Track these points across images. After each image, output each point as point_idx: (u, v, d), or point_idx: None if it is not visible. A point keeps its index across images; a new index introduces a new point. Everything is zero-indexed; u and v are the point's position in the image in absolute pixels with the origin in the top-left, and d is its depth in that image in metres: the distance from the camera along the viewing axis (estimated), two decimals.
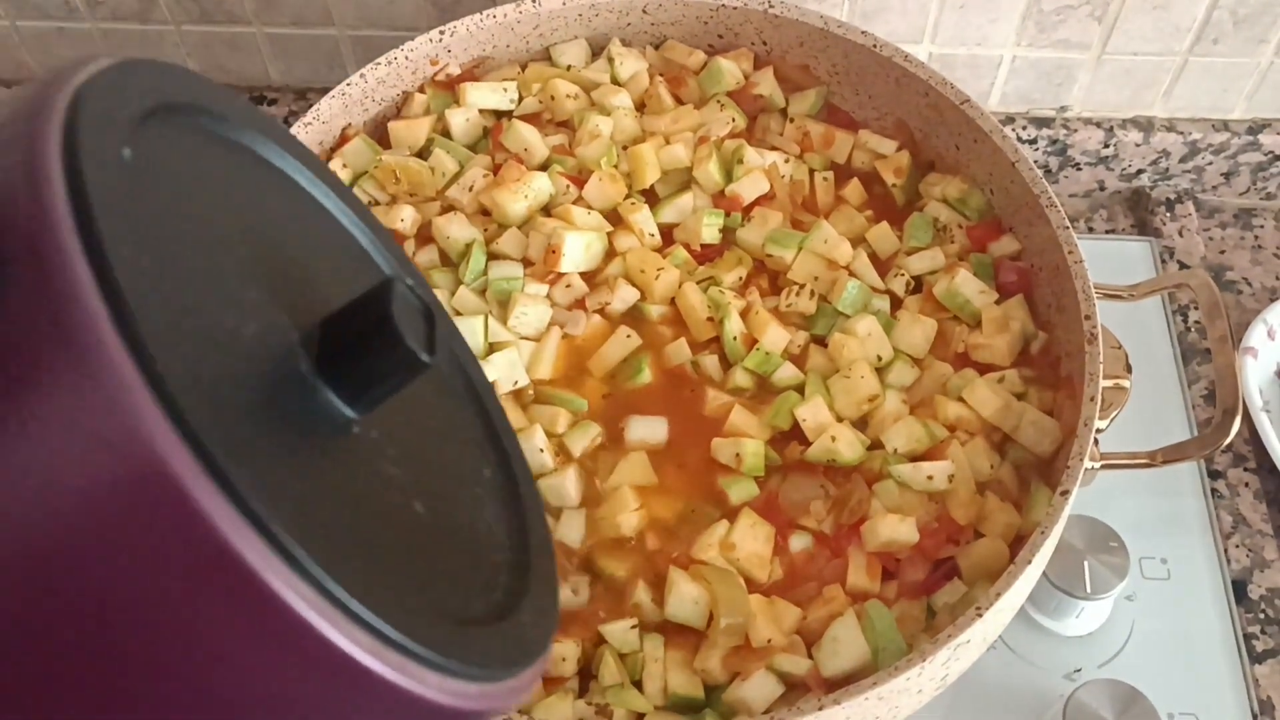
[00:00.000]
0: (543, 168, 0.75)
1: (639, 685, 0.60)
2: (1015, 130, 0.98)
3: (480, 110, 0.78)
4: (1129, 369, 0.71)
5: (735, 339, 0.69)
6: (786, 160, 0.78)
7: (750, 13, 0.80)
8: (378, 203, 0.76)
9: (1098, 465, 0.65)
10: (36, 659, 0.25)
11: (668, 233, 0.75)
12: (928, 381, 0.69)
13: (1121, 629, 0.77)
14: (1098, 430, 0.63)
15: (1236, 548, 0.81)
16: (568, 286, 0.71)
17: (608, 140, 0.76)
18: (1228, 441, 0.67)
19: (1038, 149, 0.99)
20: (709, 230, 0.74)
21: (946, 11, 0.91)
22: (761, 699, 0.58)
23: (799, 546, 0.64)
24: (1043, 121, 0.99)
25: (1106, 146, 0.99)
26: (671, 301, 0.72)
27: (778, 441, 0.67)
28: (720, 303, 0.70)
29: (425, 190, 0.75)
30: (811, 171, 0.78)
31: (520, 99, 0.79)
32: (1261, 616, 0.78)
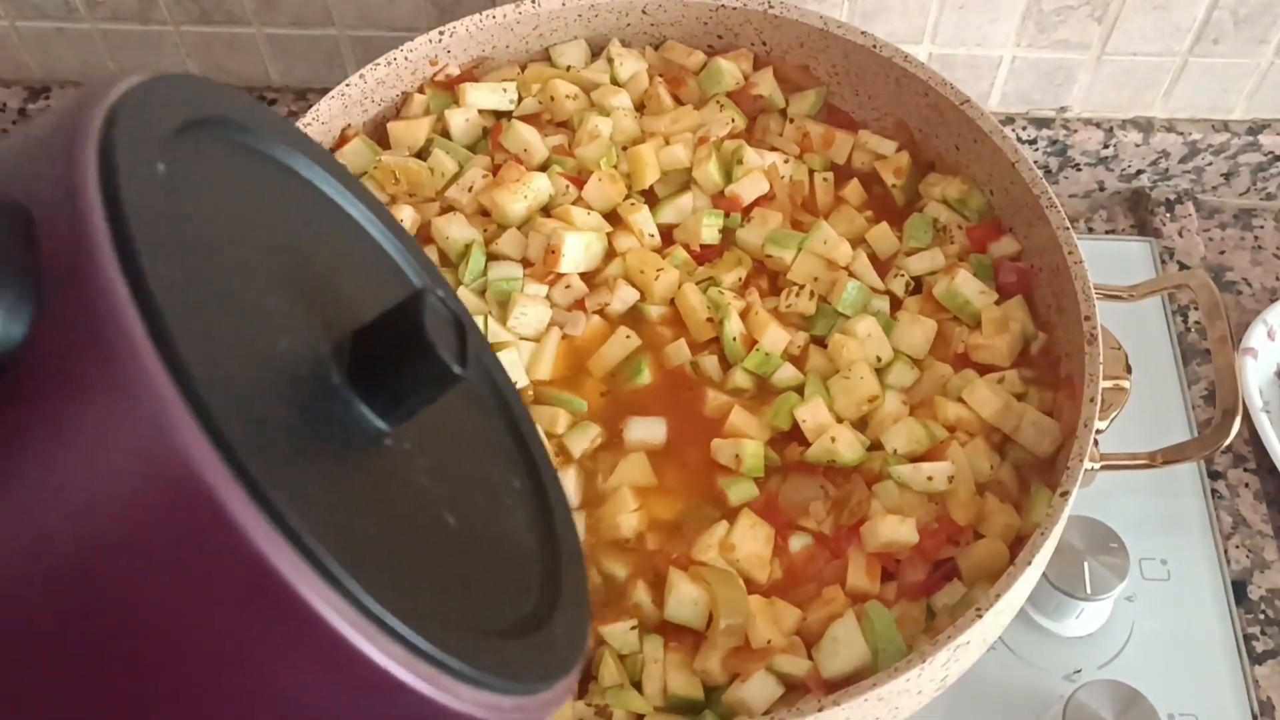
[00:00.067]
0: (542, 168, 0.75)
1: (638, 686, 0.60)
2: (1015, 131, 0.98)
3: (480, 111, 0.78)
4: (1129, 370, 0.71)
5: (735, 340, 0.69)
6: (786, 161, 0.78)
7: (750, 13, 0.80)
8: None
9: (1098, 466, 0.65)
10: (72, 672, 0.25)
11: (667, 233, 0.75)
12: (927, 382, 0.69)
13: (1121, 630, 0.77)
14: (1098, 431, 0.63)
15: (1236, 548, 0.81)
16: (567, 287, 0.71)
17: (607, 141, 0.76)
18: (1228, 442, 0.67)
19: (1038, 149, 0.99)
20: (709, 231, 0.74)
21: (946, 12, 0.91)
22: (761, 700, 0.58)
23: (799, 547, 0.63)
24: (1042, 122, 0.99)
25: (1106, 147, 0.99)
26: (671, 302, 0.72)
27: (777, 442, 0.67)
28: (720, 303, 0.70)
29: (425, 191, 0.75)
30: (811, 172, 0.78)
31: (520, 99, 0.79)
32: (1261, 617, 0.78)
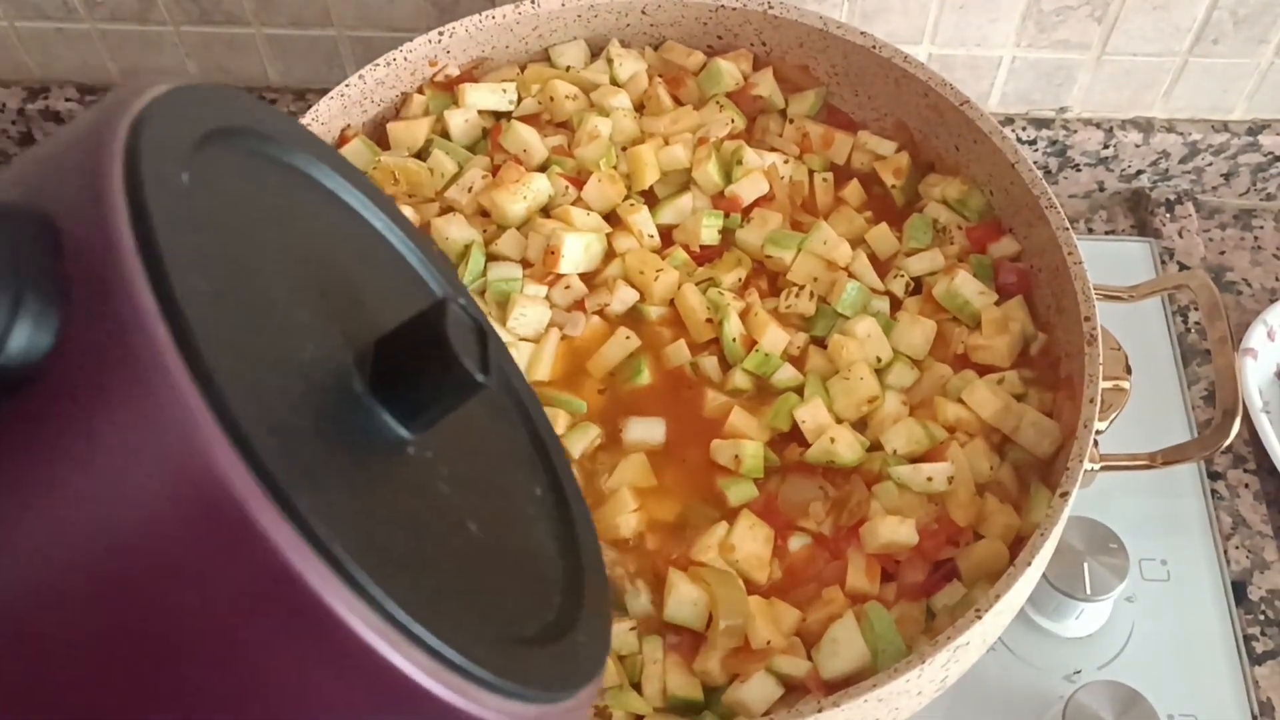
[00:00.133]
0: (542, 169, 0.75)
1: (638, 687, 0.60)
2: (1015, 131, 0.98)
3: (479, 111, 0.78)
4: (1129, 370, 0.71)
5: (734, 340, 0.69)
6: (786, 161, 0.78)
7: (749, 14, 0.80)
8: None
9: (1097, 467, 0.65)
10: (99, 679, 0.25)
11: (667, 234, 0.75)
12: (927, 383, 0.69)
13: (1121, 630, 0.77)
14: (1097, 432, 0.63)
15: (1236, 549, 0.81)
16: (567, 288, 0.71)
17: (607, 141, 0.76)
18: (1227, 443, 0.67)
19: (1037, 150, 0.99)
20: (708, 231, 0.74)
21: (946, 12, 0.91)
22: (761, 701, 0.58)
23: (798, 548, 0.63)
24: (1042, 122, 0.99)
25: (1106, 147, 0.99)
26: (670, 303, 0.72)
27: (777, 443, 0.67)
28: (719, 304, 0.70)
29: (424, 191, 0.75)
30: (811, 172, 0.78)
31: (519, 100, 0.79)
32: (1261, 618, 0.78)
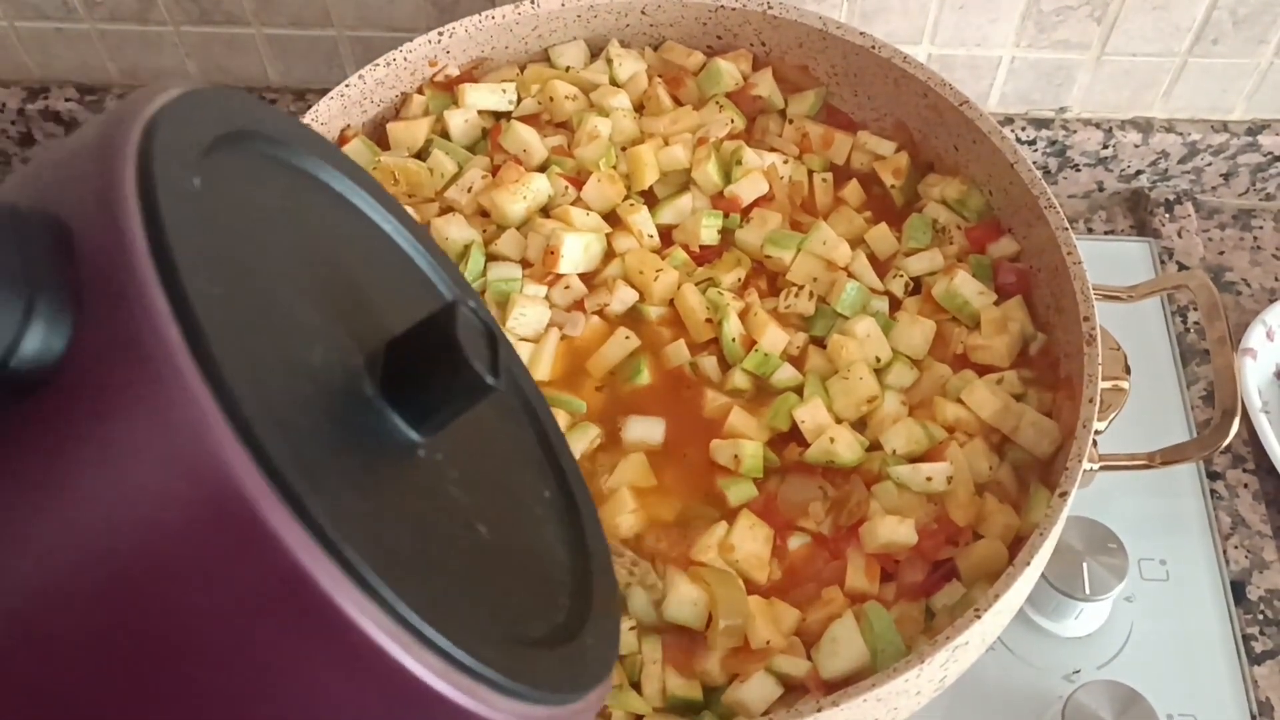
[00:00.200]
0: (541, 169, 0.75)
1: (637, 687, 0.60)
2: (1014, 131, 0.98)
3: (479, 111, 0.78)
4: (1128, 370, 0.71)
5: (734, 340, 0.69)
6: (785, 161, 0.78)
7: (749, 14, 0.80)
8: None
9: (1096, 467, 0.65)
10: (109, 680, 0.25)
11: (666, 234, 0.75)
12: (926, 383, 0.69)
13: (1120, 630, 0.77)
14: (1097, 431, 0.63)
15: (1235, 549, 0.81)
16: (566, 288, 0.71)
17: (606, 141, 0.76)
18: (1227, 443, 0.67)
19: (1037, 150, 0.99)
20: (708, 231, 0.74)
21: (946, 12, 0.91)
22: (760, 700, 0.58)
23: (797, 547, 0.64)
24: (1042, 122, 0.99)
25: (1106, 147, 0.99)
26: (670, 303, 0.72)
27: (776, 443, 0.67)
28: (719, 304, 0.70)
29: (424, 191, 0.75)
30: (810, 173, 0.78)
31: (519, 100, 0.79)
32: (1260, 618, 0.78)
